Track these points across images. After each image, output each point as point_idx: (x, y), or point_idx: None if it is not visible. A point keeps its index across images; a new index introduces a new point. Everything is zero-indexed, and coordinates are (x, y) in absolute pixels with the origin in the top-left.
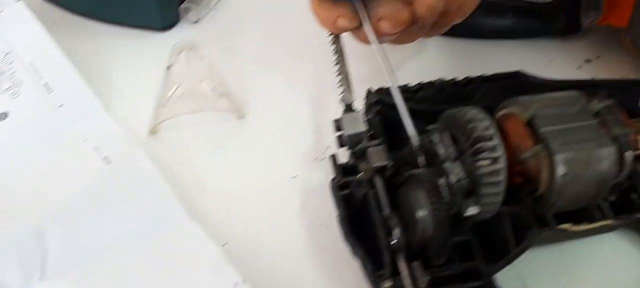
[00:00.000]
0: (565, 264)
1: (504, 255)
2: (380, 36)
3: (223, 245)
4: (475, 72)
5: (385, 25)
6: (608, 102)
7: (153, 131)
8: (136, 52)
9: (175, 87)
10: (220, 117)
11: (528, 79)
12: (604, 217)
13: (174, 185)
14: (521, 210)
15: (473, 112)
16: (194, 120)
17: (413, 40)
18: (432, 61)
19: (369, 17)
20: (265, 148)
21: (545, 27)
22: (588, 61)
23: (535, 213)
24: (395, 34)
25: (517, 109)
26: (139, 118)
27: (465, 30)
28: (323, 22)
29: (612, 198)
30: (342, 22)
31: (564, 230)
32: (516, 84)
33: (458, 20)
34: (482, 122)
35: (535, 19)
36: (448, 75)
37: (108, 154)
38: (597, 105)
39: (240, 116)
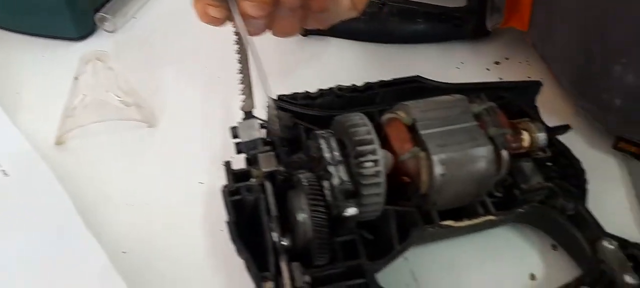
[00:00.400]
0: (456, 259)
1: (389, 252)
2: (248, 19)
3: (123, 253)
4: (389, 75)
5: (248, 7)
6: (488, 104)
7: (59, 141)
8: (49, 63)
9: (81, 97)
10: (130, 127)
11: (425, 83)
12: (487, 213)
13: (78, 195)
14: (408, 209)
15: (356, 118)
16: (103, 130)
17: (291, 31)
18: (350, 66)
19: (237, 4)
20: (174, 156)
21: (455, 31)
22: (497, 63)
23: (421, 211)
24: (262, 16)
25: (400, 113)
26: (47, 128)
27: (379, 35)
28: (199, 16)
29: (499, 194)
30: (212, 11)
31: (448, 227)
32: (414, 88)
33: (330, 6)
34: (362, 127)
35: (446, 23)
36: (363, 79)
37: (7, 167)
38: (477, 107)
39: (151, 125)
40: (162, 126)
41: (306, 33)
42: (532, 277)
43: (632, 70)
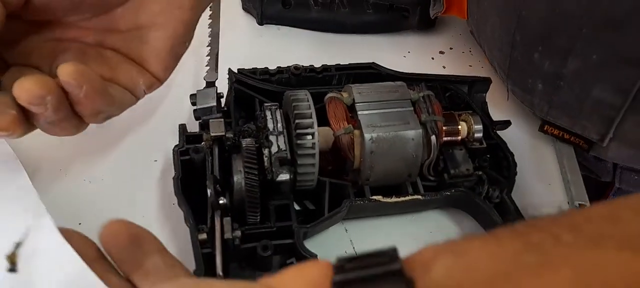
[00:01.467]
0: (392, 234)
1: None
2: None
3: (79, 224)
4: (341, 62)
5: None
6: (426, 93)
7: None
8: None
9: None
10: None
11: (380, 70)
12: (415, 193)
13: (36, 169)
14: (342, 182)
15: (301, 94)
16: None
17: (75, 129)
18: (305, 52)
19: None
20: (130, 134)
21: (403, 21)
22: (441, 53)
23: (355, 186)
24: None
25: (344, 94)
26: None
27: (331, 25)
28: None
29: (432, 178)
30: None
31: (377, 201)
32: (369, 74)
33: (105, 107)
34: (304, 103)
35: (394, 14)
36: (318, 65)
37: None
38: (415, 95)
39: None
40: None
41: (262, 21)
42: None
43: (548, 58)
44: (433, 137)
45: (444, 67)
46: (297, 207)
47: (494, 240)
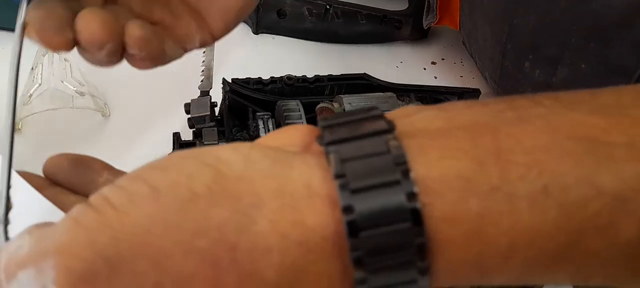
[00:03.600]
0: None
1: None
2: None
3: None
4: (335, 71)
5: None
6: (414, 103)
7: (15, 128)
8: (7, 55)
9: (37, 86)
10: (84, 115)
11: (372, 81)
12: None
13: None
14: None
15: (292, 104)
16: (58, 118)
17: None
18: (299, 61)
19: None
20: (126, 144)
21: (396, 32)
22: (433, 63)
23: None
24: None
25: (335, 104)
26: (2, 116)
27: (325, 35)
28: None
29: None
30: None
31: None
32: (361, 85)
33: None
34: (295, 112)
35: (387, 25)
36: (312, 74)
37: None
38: (403, 105)
39: (104, 114)
40: (115, 116)
41: (257, 31)
42: None
43: (538, 66)
44: None
45: (435, 78)
46: None
47: (479, 102)
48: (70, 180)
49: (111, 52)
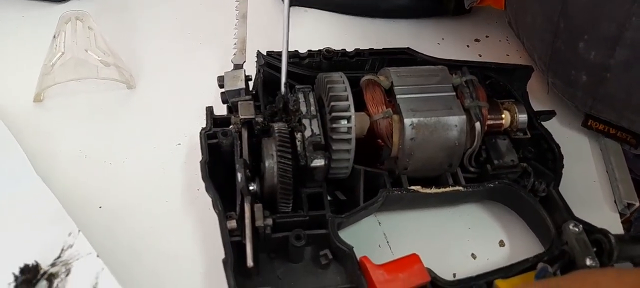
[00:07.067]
0: (427, 227)
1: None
2: None
3: (99, 208)
4: (374, 46)
5: None
6: (468, 77)
7: (37, 98)
8: (29, 23)
9: (59, 55)
10: (109, 87)
11: (415, 55)
12: (456, 184)
13: (55, 151)
14: (378, 170)
15: (336, 76)
16: (81, 89)
17: None
18: (336, 36)
19: None
20: (152, 117)
21: (438, 7)
22: (477, 40)
23: (392, 175)
24: None
25: (381, 77)
26: (24, 86)
27: (362, 10)
28: None
29: (473, 169)
30: None
31: (416, 192)
32: (403, 60)
33: None
34: (340, 85)
35: (429, 0)
36: (348, 49)
37: None
38: (457, 79)
39: (129, 86)
40: (140, 88)
41: (291, 4)
42: (502, 243)
43: (594, 47)
44: (477, 124)
45: (480, 56)
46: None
47: None
48: None
49: None
